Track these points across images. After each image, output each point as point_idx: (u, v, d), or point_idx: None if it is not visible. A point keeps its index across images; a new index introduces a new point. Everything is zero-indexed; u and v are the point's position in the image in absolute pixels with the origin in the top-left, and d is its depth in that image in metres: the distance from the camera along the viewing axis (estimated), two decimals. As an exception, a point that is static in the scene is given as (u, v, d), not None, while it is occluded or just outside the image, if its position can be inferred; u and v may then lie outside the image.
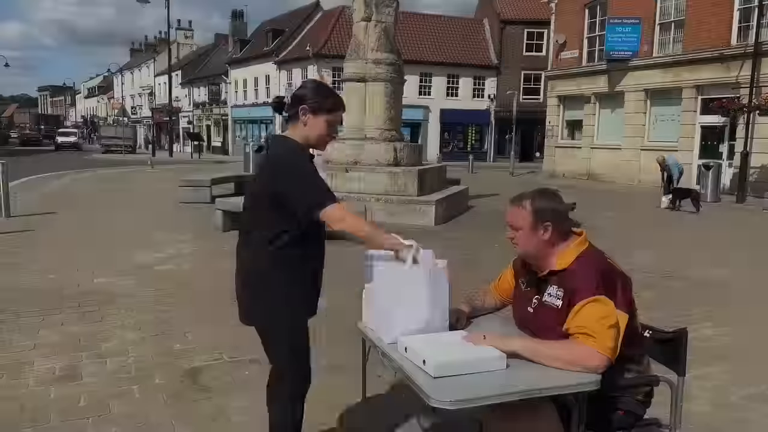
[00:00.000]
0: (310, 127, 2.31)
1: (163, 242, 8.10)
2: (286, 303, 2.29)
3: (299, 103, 2.31)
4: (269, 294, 2.29)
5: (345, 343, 4.10)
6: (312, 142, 2.35)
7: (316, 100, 2.30)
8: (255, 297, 2.33)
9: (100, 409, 3.21)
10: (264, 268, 2.28)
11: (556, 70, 26.07)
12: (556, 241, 2.22)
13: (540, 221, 2.19)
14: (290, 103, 2.34)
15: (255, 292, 2.32)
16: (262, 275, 2.29)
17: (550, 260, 2.22)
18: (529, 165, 34.53)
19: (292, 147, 2.31)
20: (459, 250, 8.08)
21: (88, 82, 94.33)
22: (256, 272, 2.30)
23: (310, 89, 2.35)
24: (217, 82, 50.04)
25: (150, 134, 54.26)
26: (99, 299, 5.31)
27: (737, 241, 9.67)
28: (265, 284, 2.28)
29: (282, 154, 2.30)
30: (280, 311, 2.29)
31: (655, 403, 2.31)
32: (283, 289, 2.28)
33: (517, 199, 2.28)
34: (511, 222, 2.27)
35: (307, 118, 2.30)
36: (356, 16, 11.74)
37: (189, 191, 12.59)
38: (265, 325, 2.35)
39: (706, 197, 15.83)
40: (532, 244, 2.22)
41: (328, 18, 40.22)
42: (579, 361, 1.97)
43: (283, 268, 2.26)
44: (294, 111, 2.32)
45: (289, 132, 2.36)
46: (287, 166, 2.23)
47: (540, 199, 2.23)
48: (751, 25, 17.53)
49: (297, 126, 2.33)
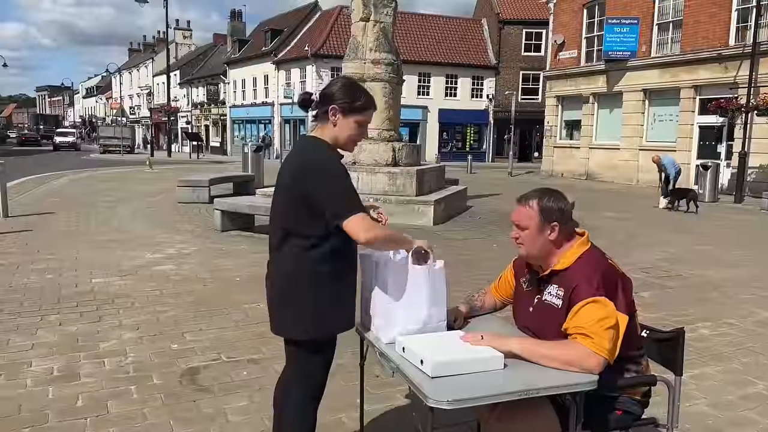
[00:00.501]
0: (340, 127, 2.21)
1: (161, 242, 8.09)
2: (322, 317, 2.20)
3: (329, 102, 2.20)
4: (308, 308, 2.18)
5: (342, 342, 4.10)
6: (341, 143, 2.24)
7: (347, 100, 2.20)
8: (290, 310, 2.21)
9: (98, 410, 3.21)
10: (303, 280, 2.17)
11: (555, 70, 26.10)
12: (561, 241, 2.22)
13: (547, 221, 2.19)
14: (319, 102, 2.24)
15: (290, 304, 2.20)
16: (299, 288, 2.18)
17: (552, 260, 2.22)
18: (527, 165, 34.57)
19: (324, 149, 2.19)
20: (458, 250, 8.09)
21: (87, 82, 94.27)
22: (293, 284, 2.19)
23: (340, 88, 2.23)
24: (215, 82, 50.02)
25: (148, 134, 54.24)
26: (97, 299, 5.30)
27: (735, 242, 9.69)
28: (303, 297, 2.17)
29: (315, 159, 2.17)
30: (319, 325, 2.20)
31: (653, 402, 2.32)
32: (318, 301, 2.18)
33: (524, 199, 2.25)
34: (518, 221, 2.25)
35: (336, 119, 2.20)
36: (355, 16, 11.74)
37: (187, 191, 12.59)
38: (302, 339, 2.23)
39: (704, 197, 15.86)
40: (537, 245, 2.21)
41: (326, 18, 40.21)
42: (576, 361, 1.98)
43: (323, 280, 2.17)
44: (323, 110, 2.22)
45: (318, 132, 2.25)
46: (320, 169, 2.12)
47: (547, 198, 2.22)
48: (749, 25, 17.56)
49: (326, 126, 2.23)
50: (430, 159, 28.96)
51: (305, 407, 2.27)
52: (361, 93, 2.25)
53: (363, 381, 2.69)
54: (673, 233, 10.34)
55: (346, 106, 2.20)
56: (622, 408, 2.20)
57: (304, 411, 2.27)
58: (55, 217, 10.18)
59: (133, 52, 75.82)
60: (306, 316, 2.18)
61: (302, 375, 2.27)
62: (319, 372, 2.28)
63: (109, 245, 7.82)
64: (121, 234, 8.70)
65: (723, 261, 7.97)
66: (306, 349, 2.24)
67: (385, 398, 3.40)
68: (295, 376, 2.29)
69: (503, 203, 13.85)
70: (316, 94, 2.26)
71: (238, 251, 7.60)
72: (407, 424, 3.03)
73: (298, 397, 2.28)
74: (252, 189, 13.74)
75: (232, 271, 6.53)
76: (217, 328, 4.59)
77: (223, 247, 7.91)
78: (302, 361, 2.26)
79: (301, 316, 2.19)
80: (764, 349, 4.45)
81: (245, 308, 5.10)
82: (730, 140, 18.90)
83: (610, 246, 2.61)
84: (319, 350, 2.25)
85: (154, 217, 10.42)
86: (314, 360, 2.26)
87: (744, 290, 6.32)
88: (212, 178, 13.27)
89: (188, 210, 11.36)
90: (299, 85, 38.46)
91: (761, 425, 3.23)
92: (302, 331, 2.20)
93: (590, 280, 2.07)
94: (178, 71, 54.66)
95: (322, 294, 2.17)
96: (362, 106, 2.23)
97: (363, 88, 2.30)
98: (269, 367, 3.76)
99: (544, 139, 27.80)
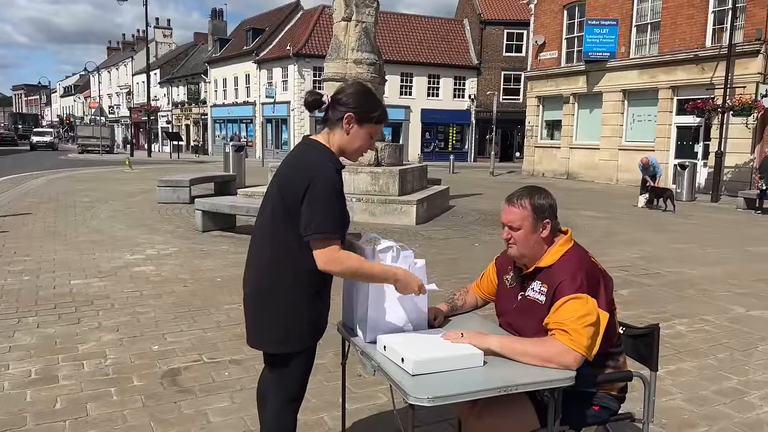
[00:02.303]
0: (353, 137, 2.10)
1: (141, 243, 8.01)
2: (307, 328, 2.14)
3: (344, 108, 2.09)
4: (289, 318, 2.10)
5: (324, 342, 4.11)
6: (347, 153, 2.14)
7: (365, 110, 2.09)
8: (270, 320, 2.12)
9: (76, 412, 3.17)
10: (280, 291, 2.09)
11: (536, 70, 26.32)
12: (550, 238, 2.24)
13: (540, 219, 2.21)
14: (331, 106, 2.12)
15: (270, 315, 2.12)
16: (283, 297, 2.09)
17: (538, 257, 2.24)
18: (509, 165, 34.82)
19: (326, 158, 2.08)
20: (440, 249, 8.13)
21: (65, 80, 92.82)
22: (276, 293, 2.10)
23: (357, 95, 2.11)
24: (196, 81, 49.58)
25: (128, 134, 53.60)
26: (76, 301, 5.24)
27: (711, 240, 9.86)
28: (284, 307, 2.09)
29: (316, 167, 2.04)
30: (302, 337, 2.13)
31: (630, 398, 2.36)
32: (305, 312, 2.11)
33: (514, 199, 2.24)
34: (510, 222, 2.24)
35: (351, 127, 2.09)
36: (336, 15, 11.73)
37: (168, 191, 12.47)
38: (283, 351, 2.15)
39: (681, 196, 16.13)
40: (530, 244, 2.22)
41: (308, 17, 40.10)
42: (554, 358, 2.01)
43: (306, 289, 2.09)
44: (337, 116, 2.10)
45: (324, 137, 2.13)
46: (315, 181, 2.00)
47: (538, 196, 2.23)
48: (725, 27, 17.89)
49: (335, 132, 2.11)
50: (413, 159, 29.05)
51: (284, 410, 2.25)
52: (379, 103, 2.17)
53: (345, 380, 2.70)
54: (651, 232, 10.49)
55: (363, 115, 2.10)
56: (599, 403, 2.23)
57: (284, 414, 2.26)
58: (32, 217, 10.02)
59: (112, 50, 74.88)
60: (294, 330, 2.12)
61: (281, 382, 2.23)
62: (297, 380, 2.23)
63: (87, 246, 7.72)
64: (100, 235, 8.60)
65: (700, 259, 8.11)
66: (284, 360, 2.18)
67: (367, 397, 3.42)
68: (274, 383, 2.25)
69: (485, 203, 13.95)
70: (327, 96, 2.14)
71: (220, 252, 7.56)
72: (389, 423, 3.05)
73: (276, 401, 2.25)
74: (233, 189, 13.65)
75: (214, 271, 6.49)
76: (199, 329, 4.56)
77: (204, 247, 7.86)
78: (280, 371, 2.21)
79: (289, 330, 2.12)
80: (739, 345, 4.55)
81: (226, 309, 5.08)
82: (706, 140, 19.23)
83: (589, 244, 2.65)
84: (297, 360, 2.19)
85: (133, 218, 10.31)
86: (292, 369, 2.20)
87: (720, 287, 6.44)
88: (193, 178, 13.15)
89: (168, 210, 11.26)
90: (281, 84, 38.32)
91: (736, 419, 3.30)
92: (274, 344, 2.14)
93: (574, 278, 2.09)
94: (158, 70, 54.09)
95: (297, 307, 2.10)
96: (378, 117, 2.14)
97: (379, 99, 2.22)
98: (251, 368, 3.75)
99: (526, 139, 28.02)
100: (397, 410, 2.66)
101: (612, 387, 2.27)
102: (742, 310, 5.57)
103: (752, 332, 4.88)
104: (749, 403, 3.51)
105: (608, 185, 21.57)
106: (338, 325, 2.47)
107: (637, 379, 2.29)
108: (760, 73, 17.63)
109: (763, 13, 17.51)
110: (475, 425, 2.14)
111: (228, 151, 16.75)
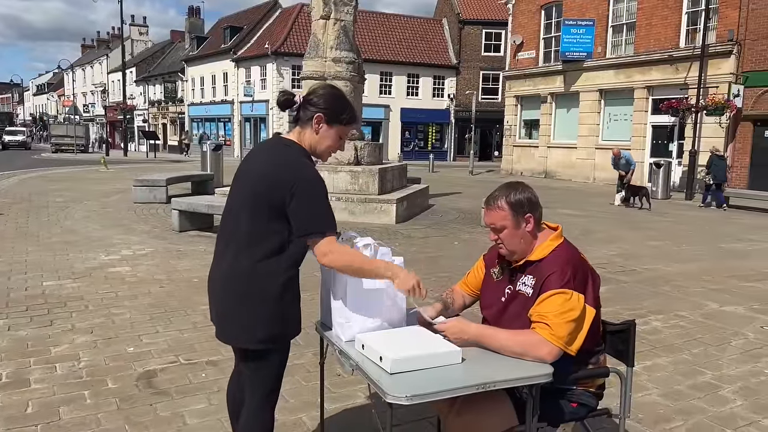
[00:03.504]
0: (322, 137, 2.17)
1: (116, 243, 7.88)
2: (286, 324, 2.15)
3: (314, 108, 2.16)
4: (266, 315, 2.09)
5: (302, 342, 4.08)
6: (318, 152, 2.20)
7: (334, 111, 2.16)
8: (244, 317, 2.11)
9: (48, 416, 3.10)
10: (255, 288, 2.08)
11: (514, 70, 26.51)
12: (537, 230, 2.25)
13: (520, 215, 2.21)
14: (302, 106, 2.19)
15: (244, 311, 2.10)
16: (258, 293, 2.09)
17: (528, 251, 2.25)
18: (488, 164, 35.05)
19: (302, 156, 2.13)
20: (419, 248, 8.13)
21: (37, 78, 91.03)
22: (244, 291, 2.10)
23: (327, 97, 2.18)
24: (173, 80, 48.97)
25: (103, 133, 52.74)
26: (48, 303, 5.13)
27: (686, 237, 10.03)
28: (262, 303, 2.09)
29: (296, 167, 2.07)
30: (279, 333, 2.14)
31: (607, 393, 2.38)
32: (283, 309, 2.12)
33: (491, 200, 2.25)
34: (492, 224, 2.25)
35: (320, 127, 2.16)
36: (315, 13, 11.67)
37: (144, 191, 12.28)
38: (259, 348, 2.15)
39: (657, 194, 16.40)
40: (517, 241, 2.22)
41: (286, 15, 39.86)
42: (529, 350, 2.02)
43: (284, 285, 2.10)
44: (308, 116, 2.16)
45: (295, 135, 2.19)
46: (301, 180, 2.03)
47: (513, 192, 2.23)
48: (698, 28, 18.20)
49: (306, 132, 2.18)
50: (393, 158, 29.09)
51: (262, 407, 2.24)
52: (348, 106, 2.23)
53: (323, 380, 2.68)
54: (628, 230, 10.64)
55: (332, 116, 2.16)
56: (577, 400, 2.25)
57: (261, 413, 2.24)
58: (3, 218, 9.80)
59: (87, 48, 73.60)
60: (269, 326, 2.11)
61: (256, 381, 2.21)
62: (273, 377, 2.22)
63: (61, 247, 7.57)
64: (74, 235, 8.44)
65: (674, 256, 8.24)
66: (258, 357, 2.17)
67: (346, 397, 3.40)
68: (250, 380, 2.23)
69: (464, 202, 14.01)
70: (299, 96, 2.21)
71: (197, 252, 7.47)
72: (368, 422, 3.03)
73: (253, 401, 2.22)
74: (211, 188, 13.51)
75: (191, 272, 6.41)
76: (175, 330, 4.50)
77: (181, 247, 7.76)
78: (255, 369, 2.19)
79: (264, 326, 2.11)
80: (713, 340, 4.63)
81: (203, 310, 5.01)
82: (681, 139, 19.58)
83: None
84: (271, 354, 2.18)
85: (109, 218, 10.14)
86: (267, 366, 2.19)
87: (694, 284, 6.55)
88: (170, 178, 12.97)
89: (145, 210, 11.10)
90: (259, 83, 38.05)
91: (710, 413, 3.35)
92: (254, 340, 2.12)
93: (563, 272, 2.11)
94: (134, 68, 53.33)
95: (275, 302, 2.10)
96: (348, 119, 2.20)
97: (349, 102, 2.28)
98: (228, 369, 3.67)
99: (504, 138, 28.23)
100: (376, 409, 2.65)
101: (590, 384, 2.29)
102: (715, 305, 5.67)
103: (725, 327, 4.97)
104: (723, 397, 3.57)
105: (585, 184, 21.83)
106: (316, 325, 2.45)
107: (613, 375, 2.31)
108: (733, 73, 18.00)
109: (735, 14, 17.88)
110: (454, 423, 2.14)
111: (205, 150, 16.57)
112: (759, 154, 17.84)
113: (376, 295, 2.21)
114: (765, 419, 3.29)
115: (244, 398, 2.28)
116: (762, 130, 17.82)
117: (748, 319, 5.23)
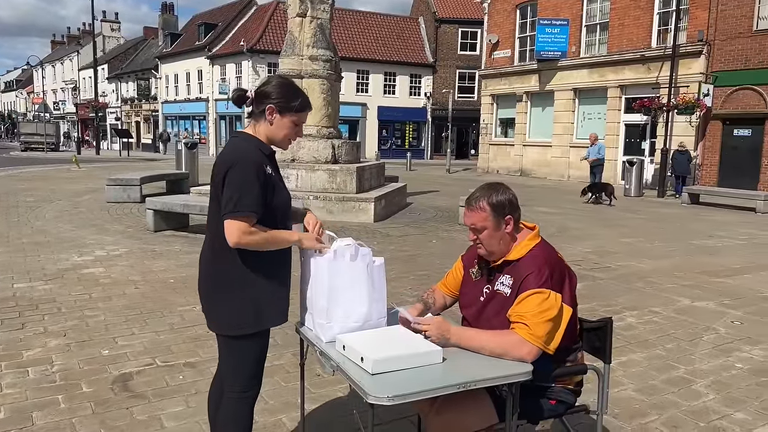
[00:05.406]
0: (276, 126, 2.23)
1: (89, 244, 7.73)
2: (258, 311, 2.18)
3: (265, 101, 2.22)
4: (232, 301, 2.17)
5: (283, 343, 4.05)
6: (276, 142, 2.27)
7: (283, 100, 2.22)
8: (220, 303, 2.20)
9: (21, 422, 3.03)
10: (232, 275, 2.17)
11: (489, 69, 26.68)
12: (516, 231, 2.27)
13: (501, 216, 2.23)
14: (255, 100, 2.25)
15: (220, 297, 2.20)
16: (229, 284, 2.18)
17: (506, 251, 2.27)
18: (465, 162, 35.24)
19: (252, 146, 2.21)
20: (398, 246, 8.14)
21: (5, 75, 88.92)
22: (224, 279, 2.19)
23: (277, 87, 2.24)
24: (146, 77, 48.20)
25: (75, 131, 51.68)
26: (19, 305, 5.01)
27: (658, 234, 10.22)
28: (226, 290, 2.18)
29: (235, 152, 2.17)
30: (250, 321, 2.19)
31: (584, 390, 2.41)
32: (252, 295, 2.17)
33: (472, 201, 2.26)
34: (473, 224, 2.26)
35: (273, 118, 2.22)
36: (291, 11, 11.59)
37: (117, 190, 12.06)
38: (230, 334, 2.22)
39: (630, 192, 16.68)
40: (496, 242, 2.24)
41: (262, 12, 39.52)
42: (509, 350, 2.04)
43: (247, 271, 2.16)
44: (260, 109, 2.23)
45: (252, 129, 2.28)
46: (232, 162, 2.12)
47: (494, 194, 2.25)
48: (669, 28, 18.53)
49: (261, 124, 2.25)
50: (370, 156, 29.07)
51: (240, 403, 2.25)
52: (298, 93, 2.27)
53: (303, 381, 2.67)
54: (602, 227, 10.80)
55: (282, 105, 2.21)
56: (556, 398, 2.28)
57: (240, 407, 2.24)
58: (-29, 218, 9.55)
59: (57, 44, 72.09)
60: (238, 313, 2.18)
61: (235, 368, 2.25)
62: (252, 364, 2.26)
63: (32, 248, 7.40)
64: (46, 236, 8.26)
65: (647, 252, 8.39)
66: (239, 342, 2.23)
67: (326, 397, 3.39)
68: (229, 371, 2.27)
69: (442, 200, 14.07)
70: (251, 91, 2.26)
71: (172, 252, 7.37)
72: (349, 423, 3.03)
73: (232, 393, 2.26)
74: (186, 187, 13.33)
75: (166, 272, 6.32)
76: (151, 332, 4.44)
77: (156, 247, 7.65)
78: (235, 354, 2.25)
79: (233, 312, 2.18)
80: (685, 336, 4.72)
81: (180, 311, 4.95)
82: (653, 137, 19.93)
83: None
84: (252, 342, 2.24)
85: (81, 218, 9.94)
86: (247, 352, 2.24)
87: (667, 280, 6.68)
88: (144, 177, 12.77)
89: (119, 210, 10.91)
90: (235, 80, 37.64)
91: (683, 407, 3.42)
92: (236, 327, 2.19)
93: (541, 272, 2.13)
94: (106, 65, 52.34)
95: (254, 290, 2.17)
96: (299, 106, 2.25)
97: (299, 89, 2.32)
98: (206, 370, 3.67)
99: (480, 137, 28.40)
100: (357, 409, 2.64)
101: (569, 381, 2.32)
102: (687, 301, 5.79)
103: (697, 323, 5.08)
104: (696, 392, 3.65)
105: (560, 181, 22.09)
106: (296, 325, 2.44)
107: (591, 371, 2.34)
108: (702, 72, 18.38)
109: (705, 15, 18.26)
110: (435, 421, 2.15)
111: (180, 148, 16.36)
112: (728, 152, 18.25)
113: (356, 294, 2.21)
114: (737, 412, 3.37)
115: (218, 401, 2.31)
116: (731, 129, 18.23)
117: (719, 314, 5.35)
